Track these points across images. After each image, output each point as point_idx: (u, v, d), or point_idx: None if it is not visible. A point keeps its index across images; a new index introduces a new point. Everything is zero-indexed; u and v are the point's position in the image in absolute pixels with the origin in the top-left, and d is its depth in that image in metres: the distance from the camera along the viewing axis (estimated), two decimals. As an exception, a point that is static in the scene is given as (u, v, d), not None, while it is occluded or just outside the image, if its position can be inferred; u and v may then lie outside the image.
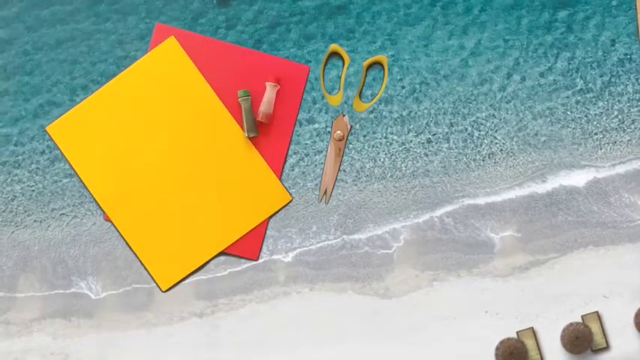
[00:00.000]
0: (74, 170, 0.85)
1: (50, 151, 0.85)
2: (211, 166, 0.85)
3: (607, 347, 0.83)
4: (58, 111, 0.85)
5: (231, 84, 0.85)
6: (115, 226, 0.85)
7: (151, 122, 0.85)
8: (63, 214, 0.85)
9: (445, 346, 0.83)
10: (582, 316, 0.83)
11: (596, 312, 0.83)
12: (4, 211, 0.85)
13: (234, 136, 0.85)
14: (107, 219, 0.85)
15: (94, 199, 0.85)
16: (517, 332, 0.83)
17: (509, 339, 0.81)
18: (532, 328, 0.83)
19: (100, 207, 0.85)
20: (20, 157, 0.86)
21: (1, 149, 0.86)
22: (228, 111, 0.85)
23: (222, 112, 0.85)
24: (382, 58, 0.86)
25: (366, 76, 0.87)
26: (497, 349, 0.81)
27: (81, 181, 0.85)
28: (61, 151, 0.85)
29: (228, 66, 0.86)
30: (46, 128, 0.85)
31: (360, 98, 0.86)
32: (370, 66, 0.87)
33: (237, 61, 0.86)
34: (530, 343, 0.82)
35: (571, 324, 0.81)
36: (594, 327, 0.82)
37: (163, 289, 0.84)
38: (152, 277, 0.84)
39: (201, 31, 0.86)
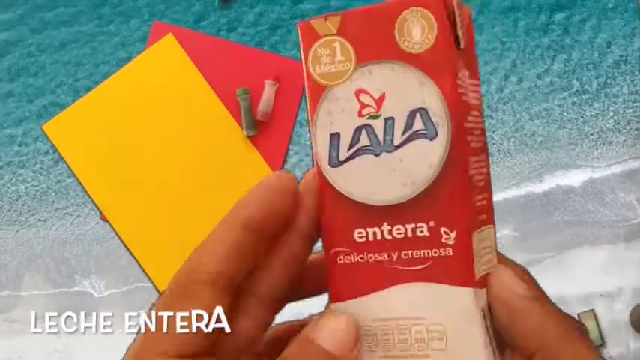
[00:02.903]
0: (71, 169, 0.84)
1: (54, 151, 0.86)
2: (209, 165, 0.84)
3: (603, 344, 0.83)
4: (62, 112, 0.86)
5: (229, 82, 0.85)
6: (111, 226, 0.85)
7: (149, 120, 0.84)
8: (67, 213, 0.86)
9: (443, 343, 0.84)
10: (578, 314, 0.84)
11: (592, 310, 0.84)
12: (9, 211, 0.86)
13: (232, 135, 0.85)
14: (104, 219, 0.85)
15: (91, 198, 0.84)
16: (514, 330, 0.83)
17: (506, 336, 0.82)
18: (529, 325, 0.84)
19: (97, 207, 0.85)
20: (24, 158, 0.87)
21: (5, 150, 0.87)
22: (227, 109, 0.85)
23: (220, 110, 0.85)
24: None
25: (365, 77, 0.87)
26: (494, 346, 0.82)
27: (77, 180, 0.84)
28: (57, 150, 0.85)
29: (227, 64, 0.85)
30: (43, 127, 0.85)
31: (360, 99, 0.87)
32: (369, 68, 0.88)
33: (236, 59, 0.85)
34: (527, 340, 0.83)
35: (567, 322, 0.82)
36: (590, 325, 0.83)
37: (161, 290, 0.84)
38: (149, 278, 0.84)
39: (203, 33, 0.87)
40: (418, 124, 0.23)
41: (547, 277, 0.86)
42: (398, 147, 0.23)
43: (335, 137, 0.24)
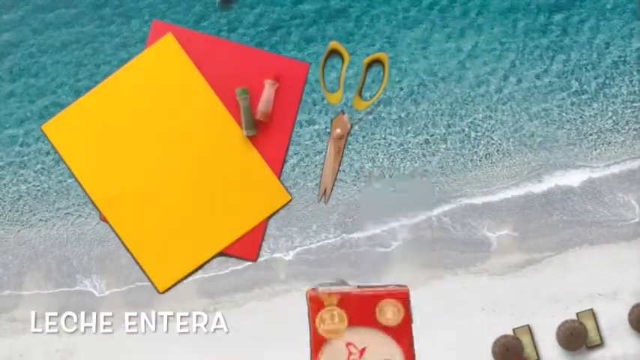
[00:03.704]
0: (70, 169, 0.85)
1: (55, 151, 0.86)
2: (209, 165, 0.84)
3: (601, 344, 0.84)
4: (63, 112, 0.86)
5: (229, 82, 0.85)
6: (111, 227, 0.85)
7: (148, 120, 0.84)
8: (68, 213, 0.86)
9: (443, 342, 0.84)
10: (577, 314, 0.84)
11: (591, 309, 0.84)
12: (10, 211, 0.86)
13: (232, 135, 0.85)
14: (103, 219, 0.85)
15: (90, 199, 0.85)
16: (513, 329, 0.84)
17: (505, 336, 0.82)
18: (528, 325, 0.84)
19: (97, 207, 0.85)
20: (26, 158, 0.87)
21: (7, 150, 0.87)
22: (227, 109, 0.85)
23: (220, 110, 0.85)
24: (382, 55, 0.87)
25: (366, 74, 0.87)
26: (494, 345, 0.82)
27: (77, 180, 0.85)
28: (56, 150, 0.85)
29: (227, 63, 0.85)
30: (42, 127, 0.85)
31: (360, 96, 0.87)
32: (370, 65, 0.88)
33: (236, 59, 0.85)
34: (526, 339, 0.83)
35: (566, 321, 0.82)
36: (589, 324, 0.83)
37: (161, 291, 0.84)
38: (149, 279, 0.85)
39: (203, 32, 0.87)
40: None
41: (546, 276, 0.87)
42: None
43: None
